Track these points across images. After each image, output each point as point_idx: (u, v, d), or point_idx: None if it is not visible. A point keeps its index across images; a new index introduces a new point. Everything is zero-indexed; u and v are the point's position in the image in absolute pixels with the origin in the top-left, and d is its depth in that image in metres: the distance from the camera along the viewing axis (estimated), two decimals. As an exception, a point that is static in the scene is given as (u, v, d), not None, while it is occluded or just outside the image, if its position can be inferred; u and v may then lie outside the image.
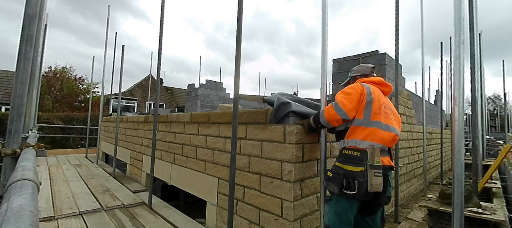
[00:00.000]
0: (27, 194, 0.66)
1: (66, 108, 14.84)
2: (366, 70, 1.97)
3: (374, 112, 1.64)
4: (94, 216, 2.84)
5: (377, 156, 1.55)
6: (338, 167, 1.64)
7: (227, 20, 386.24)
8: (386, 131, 1.63)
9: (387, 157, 1.67)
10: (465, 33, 1.52)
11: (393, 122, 1.71)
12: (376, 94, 1.71)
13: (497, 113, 31.25)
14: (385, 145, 1.64)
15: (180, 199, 6.18)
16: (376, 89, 1.76)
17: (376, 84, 1.81)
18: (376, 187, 1.50)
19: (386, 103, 1.75)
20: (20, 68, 1.27)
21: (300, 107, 2.16)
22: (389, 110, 1.74)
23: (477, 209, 2.47)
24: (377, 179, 1.50)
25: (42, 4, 1.46)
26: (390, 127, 1.66)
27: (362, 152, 1.58)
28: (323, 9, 2.02)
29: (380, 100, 1.70)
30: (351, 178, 1.54)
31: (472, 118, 3.33)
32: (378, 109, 1.65)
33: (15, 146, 1.27)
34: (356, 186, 1.51)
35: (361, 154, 1.58)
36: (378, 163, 1.53)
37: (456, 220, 1.45)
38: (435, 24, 13.42)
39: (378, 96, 1.71)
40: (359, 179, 1.52)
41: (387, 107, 1.74)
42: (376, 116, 1.64)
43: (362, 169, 1.53)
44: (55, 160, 6.27)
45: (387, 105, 1.75)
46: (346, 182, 1.55)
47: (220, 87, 9.15)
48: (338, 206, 1.65)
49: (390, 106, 1.79)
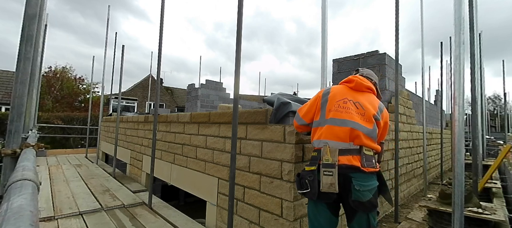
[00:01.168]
0: (27, 194, 0.66)
1: (66, 108, 14.85)
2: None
3: (328, 109, 1.60)
4: (94, 216, 2.84)
5: (327, 154, 1.48)
6: (303, 170, 1.63)
7: (228, 20, 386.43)
8: (340, 126, 1.52)
9: (350, 156, 1.49)
10: (465, 33, 1.52)
11: (354, 116, 1.55)
12: (334, 92, 1.67)
13: (497, 113, 31.26)
14: (344, 142, 1.50)
15: (180, 199, 6.19)
16: (338, 88, 1.71)
17: (344, 83, 1.76)
18: (328, 186, 1.43)
19: (350, 99, 1.62)
20: (20, 68, 1.27)
21: (300, 107, 2.16)
22: (353, 105, 1.60)
23: (477, 209, 2.47)
24: (327, 178, 1.43)
25: (42, 4, 1.46)
26: (346, 122, 1.53)
27: (318, 151, 1.55)
28: (323, 9, 2.02)
29: (337, 97, 1.63)
30: (303, 178, 1.52)
31: (472, 118, 3.34)
32: (332, 106, 1.60)
33: (15, 146, 1.27)
34: (308, 185, 1.48)
35: (317, 153, 1.55)
36: (327, 161, 1.46)
37: (456, 220, 1.45)
38: (436, 23, 13.41)
39: (335, 94, 1.65)
40: (308, 178, 1.49)
41: (351, 102, 1.60)
42: (330, 113, 1.59)
43: (313, 168, 1.51)
44: (55, 160, 6.27)
45: (352, 100, 1.62)
46: (298, 182, 1.55)
47: (220, 87, 9.16)
48: (308, 209, 1.63)
49: (360, 101, 1.62)
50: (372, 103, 1.66)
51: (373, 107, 1.63)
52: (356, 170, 1.46)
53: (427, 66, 6.03)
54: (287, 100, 2.15)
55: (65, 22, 65.12)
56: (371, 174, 1.49)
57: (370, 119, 1.58)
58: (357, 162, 1.48)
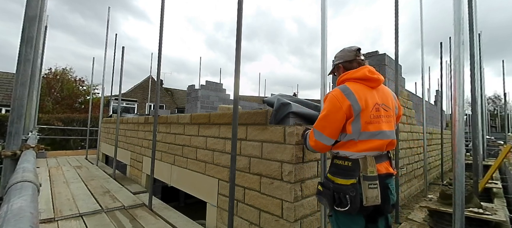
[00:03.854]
0: (27, 195, 0.66)
1: (66, 110, 14.86)
2: (349, 55, 1.61)
3: (365, 122, 1.42)
4: (94, 218, 2.84)
5: (371, 166, 1.37)
6: (329, 180, 1.47)
7: (228, 20, 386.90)
8: (380, 139, 1.44)
9: (385, 162, 1.48)
10: (464, 33, 1.52)
11: (387, 124, 1.48)
12: (363, 99, 1.43)
13: (497, 113, 31.23)
14: (381, 151, 1.47)
15: (180, 200, 6.18)
16: (362, 91, 1.46)
17: (360, 81, 1.50)
18: (373, 200, 1.32)
19: (380, 103, 1.49)
20: (20, 70, 1.27)
21: (300, 108, 2.17)
22: (383, 109, 1.49)
23: (478, 210, 2.46)
24: (372, 192, 1.33)
25: (43, 5, 1.46)
26: (385, 133, 1.45)
27: (354, 162, 1.41)
28: (323, 9, 2.02)
29: (369, 104, 1.44)
30: (342, 193, 1.36)
31: (472, 118, 3.34)
32: (369, 118, 1.42)
33: (15, 148, 1.27)
34: (348, 201, 1.34)
35: (353, 164, 1.41)
36: (372, 173, 1.35)
37: (457, 221, 1.45)
38: (438, 23, 13.41)
39: (366, 101, 1.44)
40: (350, 194, 1.34)
41: (380, 106, 1.48)
42: (366, 127, 1.42)
43: (353, 181, 1.36)
44: (55, 161, 6.27)
45: (380, 103, 1.49)
46: (337, 197, 1.38)
47: (220, 88, 9.16)
48: (340, 222, 1.46)
49: (383, 101, 1.51)
50: (390, 96, 1.58)
51: (393, 102, 1.59)
52: (391, 176, 1.49)
53: (428, 67, 6.03)
54: (287, 101, 2.15)
55: (64, 23, 65.30)
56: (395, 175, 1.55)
57: (393, 118, 1.55)
58: (391, 168, 1.50)
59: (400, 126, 3.76)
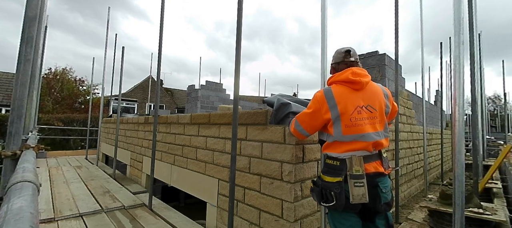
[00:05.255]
0: (27, 195, 0.66)
1: (66, 110, 14.86)
2: (338, 57, 1.66)
3: (345, 125, 1.46)
4: (94, 218, 2.84)
5: (357, 165, 1.41)
6: (319, 178, 1.55)
7: (229, 19, 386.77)
8: (364, 141, 1.46)
9: (375, 162, 1.49)
10: (464, 33, 1.52)
11: (374, 125, 1.49)
12: (343, 103, 1.48)
13: (497, 113, 31.24)
14: (369, 151, 1.48)
15: (180, 200, 6.17)
16: (343, 95, 1.50)
17: (344, 84, 1.54)
18: (359, 198, 1.37)
19: (362, 105, 1.50)
20: (20, 70, 1.27)
21: (300, 107, 2.16)
22: (367, 110, 1.50)
23: (478, 210, 2.47)
24: (359, 190, 1.38)
25: (42, 6, 1.46)
26: (369, 135, 1.46)
27: (342, 161, 1.46)
28: (323, 9, 2.02)
29: (349, 108, 1.47)
30: (328, 190, 1.44)
31: (472, 118, 3.33)
32: (349, 121, 1.46)
33: (15, 148, 1.27)
34: (334, 197, 1.42)
35: (340, 163, 1.46)
36: (357, 172, 1.40)
37: (457, 221, 1.45)
38: (441, 22, 13.43)
39: (346, 105, 1.47)
40: (335, 190, 1.42)
41: (363, 108, 1.49)
42: (348, 130, 1.46)
43: (339, 179, 1.43)
44: (55, 161, 6.27)
45: (363, 105, 1.50)
46: (324, 194, 1.47)
47: (220, 88, 9.16)
48: (334, 218, 1.54)
49: (368, 102, 1.52)
50: (378, 96, 1.57)
51: (381, 101, 1.57)
52: (381, 175, 1.49)
53: (428, 67, 6.03)
54: (287, 101, 2.15)
55: (63, 22, 65.31)
56: (388, 174, 1.54)
57: (382, 118, 1.55)
58: (381, 168, 1.51)
59: (400, 126, 3.76)
